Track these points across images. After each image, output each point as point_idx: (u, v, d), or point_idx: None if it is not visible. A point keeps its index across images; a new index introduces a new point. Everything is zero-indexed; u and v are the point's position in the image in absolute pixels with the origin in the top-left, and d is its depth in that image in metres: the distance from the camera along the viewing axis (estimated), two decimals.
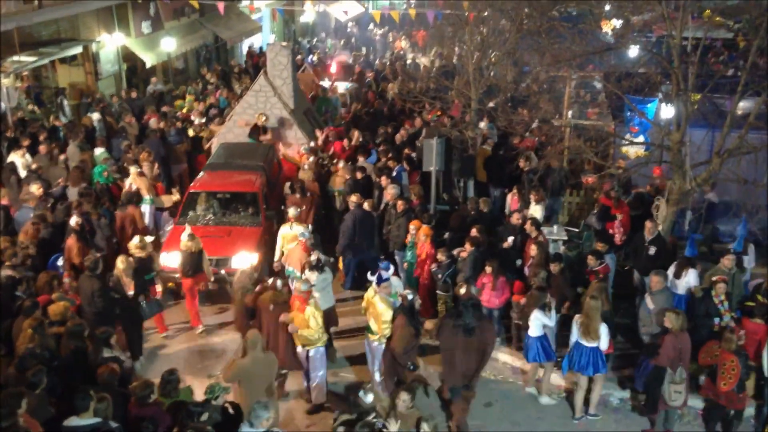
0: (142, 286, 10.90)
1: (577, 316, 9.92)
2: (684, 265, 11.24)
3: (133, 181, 14.21)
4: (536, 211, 13.41)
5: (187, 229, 11.92)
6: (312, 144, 16.57)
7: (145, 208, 14.17)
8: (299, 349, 9.89)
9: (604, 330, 9.69)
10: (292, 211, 12.74)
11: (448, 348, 9.43)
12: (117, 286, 10.60)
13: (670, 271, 11.25)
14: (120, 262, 10.69)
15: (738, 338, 9.25)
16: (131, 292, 10.69)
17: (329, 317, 11.12)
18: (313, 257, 11.03)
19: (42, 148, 15.08)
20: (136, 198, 13.67)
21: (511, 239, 12.14)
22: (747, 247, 12.14)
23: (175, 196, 14.88)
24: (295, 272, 11.58)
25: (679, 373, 9.31)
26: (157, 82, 23.05)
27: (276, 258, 12.71)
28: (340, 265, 13.36)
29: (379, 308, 9.83)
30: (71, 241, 11.59)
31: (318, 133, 17.53)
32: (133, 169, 14.35)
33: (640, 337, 10.56)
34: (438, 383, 10.45)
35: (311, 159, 15.49)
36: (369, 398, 8.02)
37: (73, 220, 11.83)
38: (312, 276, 10.62)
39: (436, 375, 10.66)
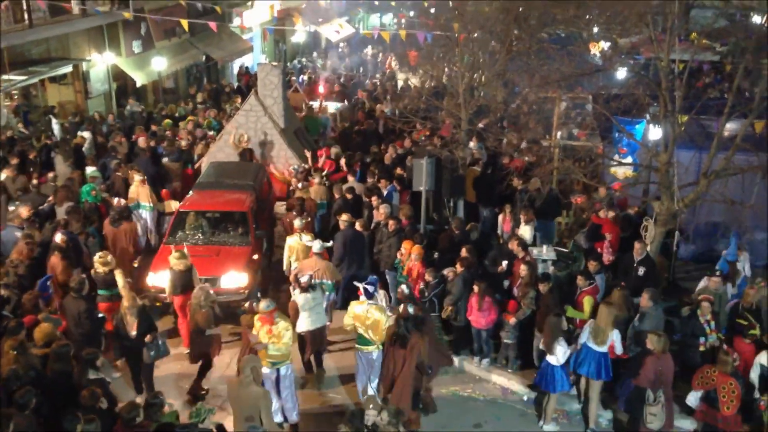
0: (147, 326, 10.22)
1: (590, 321, 10.07)
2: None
3: (136, 189, 14.68)
4: (525, 231, 13.44)
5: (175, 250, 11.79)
6: (305, 165, 16.60)
7: (146, 215, 14.80)
8: (266, 370, 9.51)
9: (616, 336, 9.87)
10: (297, 222, 12.91)
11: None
12: (120, 326, 10.11)
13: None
14: (125, 300, 10.15)
15: (733, 360, 9.26)
16: (134, 333, 10.04)
17: (321, 337, 11.08)
18: (305, 278, 10.86)
19: (8, 171, 14.84)
20: (127, 213, 13.78)
21: (505, 263, 12.11)
22: (740, 254, 12.38)
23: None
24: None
25: (657, 395, 9.32)
26: (134, 104, 22.61)
27: (285, 268, 13.03)
28: None
29: (377, 317, 9.94)
30: (55, 259, 11.49)
31: (307, 153, 17.56)
32: (137, 177, 14.80)
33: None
34: None
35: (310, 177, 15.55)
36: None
37: (58, 237, 11.72)
38: (299, 298, 10.58)
39: None
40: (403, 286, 10.63)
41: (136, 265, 13.49)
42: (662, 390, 9.38)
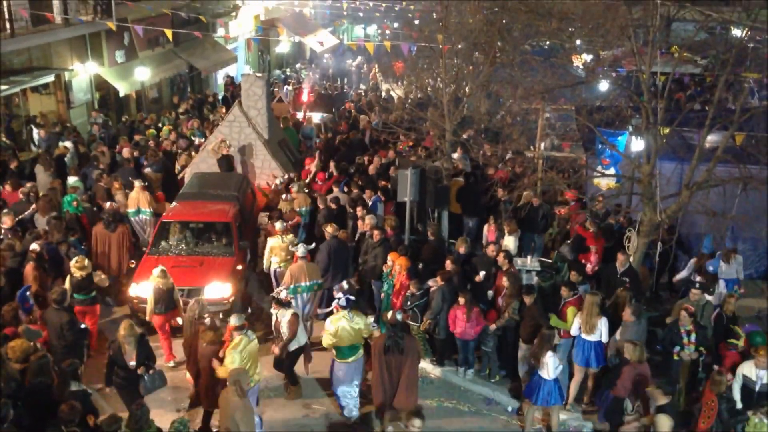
0: (146, 356, 9.59)
1: (579, 313, 10.54)
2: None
3: (136, 195, 14.96)
4: (510, 241, 13.48)
5: (158, 267, 11.64)
6: (291, 174, 16.59)
7: (148, 220, 15.09)
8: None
9: (603, 324, 10.36)
10: (279, 225, 13.14)
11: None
12: (117, 355, 9.51)
13: None
14: (122, 328, 9.52)
15: (728, 380, 9.31)
16: (132, 363, 9.45)
17: (309, 351, 11.02)
18: (283, 294, 10.84)
19: None
20: (120, 216, 14.03)
21: (483, 273, 12.14)
22: (731, 257, 12.68)
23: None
24: (300, 286, 11.88)
25: (635, 405, 9.47)
26: (97, 116, 21.77)
27: (265, 267, 13.36)
28: None
29: (360, 323, 10.14)
30: (29, 269, 11.38)
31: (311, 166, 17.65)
32: (137, 183, 15.12)
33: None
34: None
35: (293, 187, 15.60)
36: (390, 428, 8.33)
37: (32, 247, 11.63)
38: (282, 312, 10.52)
39: None
40: (343, 282, 10.74)
41: (132, 265, 13.63)
42: (640, 399, 9.45)
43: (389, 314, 10.07)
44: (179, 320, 11.56)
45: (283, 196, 15.27)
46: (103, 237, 13.47)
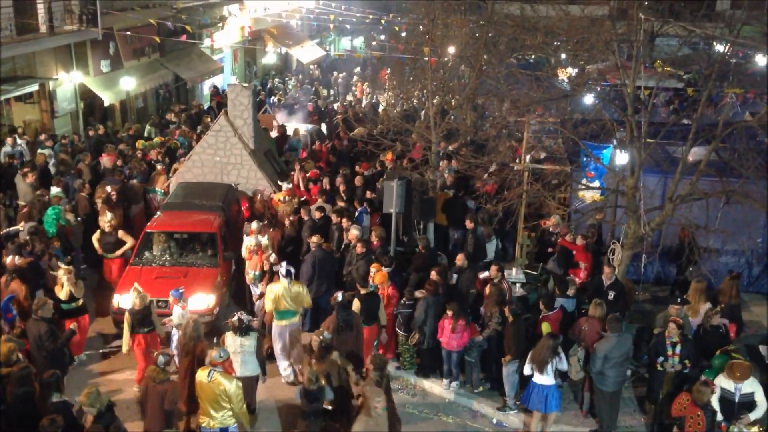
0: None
1: (686, 296, 11.46)
2: None
3: (156, 175, 17.00)
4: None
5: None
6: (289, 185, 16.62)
7: (158, 198, 16.78)
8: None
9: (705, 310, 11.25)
10: (254, 225, 13.41)
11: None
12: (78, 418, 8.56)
13: None
14: (83, 395, 8.28)
15: (712, 391, 9.32)
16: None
17: (248, 388, 10.23)
18: (236, 318, 10.10)
19: None
20: (139, 196, 16.33)
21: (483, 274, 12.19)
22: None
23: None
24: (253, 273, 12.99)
25: (575, 348, 10.62)
26: (14, 143, 19.21)
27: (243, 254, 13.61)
28: None
29: (298, 289, 11.37)
30: (15, 285, 11.24)
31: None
32: (159, 166, 17.13)
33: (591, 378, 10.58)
34: None
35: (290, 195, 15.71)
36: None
37: (10, 260, 11.50)
38: (229, 339, 10.03)
39: None
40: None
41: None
42: (583, 345, 10.54)
43: (338, 294, 10.79)
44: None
45: (285, 198, 15.24)
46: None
